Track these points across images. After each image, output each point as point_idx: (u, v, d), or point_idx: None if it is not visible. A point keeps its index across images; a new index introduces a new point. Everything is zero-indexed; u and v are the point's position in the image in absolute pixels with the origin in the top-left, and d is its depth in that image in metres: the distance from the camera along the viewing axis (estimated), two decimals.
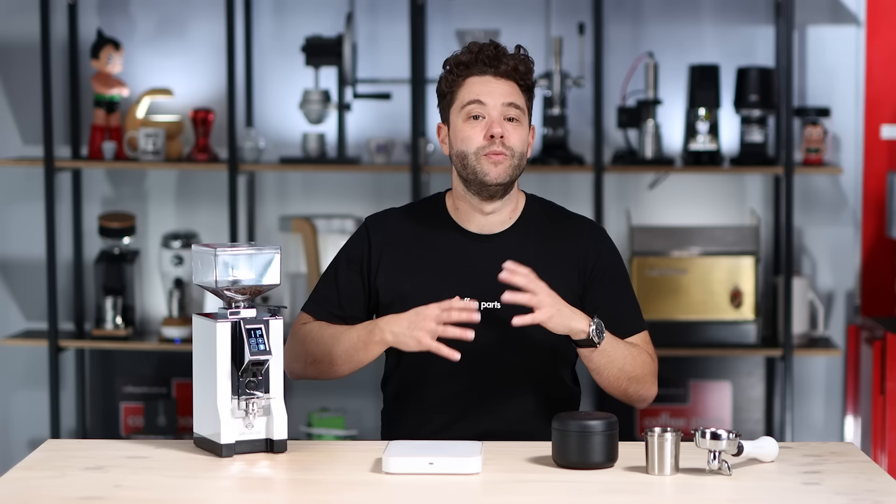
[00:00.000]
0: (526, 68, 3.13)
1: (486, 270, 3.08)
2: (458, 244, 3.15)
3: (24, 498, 2.61)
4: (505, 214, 3.15)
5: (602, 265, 3.16)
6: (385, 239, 3.17)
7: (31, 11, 5.20)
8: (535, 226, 3.17)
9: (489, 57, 3.10)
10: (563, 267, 3.13)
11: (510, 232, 3.16)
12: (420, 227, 3.18)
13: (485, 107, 3.08)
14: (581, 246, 3.16)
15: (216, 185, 5.36)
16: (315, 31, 5.21)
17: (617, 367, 3.06)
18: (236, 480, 2.76)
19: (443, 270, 3.11)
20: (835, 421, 5.34)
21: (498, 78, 3.10)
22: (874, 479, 2.74)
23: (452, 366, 3.02)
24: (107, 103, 5.22)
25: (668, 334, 5.03)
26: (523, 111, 3.11)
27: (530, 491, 2.68)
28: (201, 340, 2.91)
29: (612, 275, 3.17)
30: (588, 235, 3.18)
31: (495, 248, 3.13)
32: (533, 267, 3.05)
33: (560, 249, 3.15)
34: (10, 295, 5.50)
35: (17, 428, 5.52)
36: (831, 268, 5.34)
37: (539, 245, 3.14)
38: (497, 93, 3.09)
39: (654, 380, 3.16)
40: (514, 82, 3.11)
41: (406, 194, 5.15)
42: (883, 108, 5.25)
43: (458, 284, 3.09)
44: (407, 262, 3.14)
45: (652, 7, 5.29)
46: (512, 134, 3.08)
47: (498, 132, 3.07)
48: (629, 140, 5.19)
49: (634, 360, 3.09)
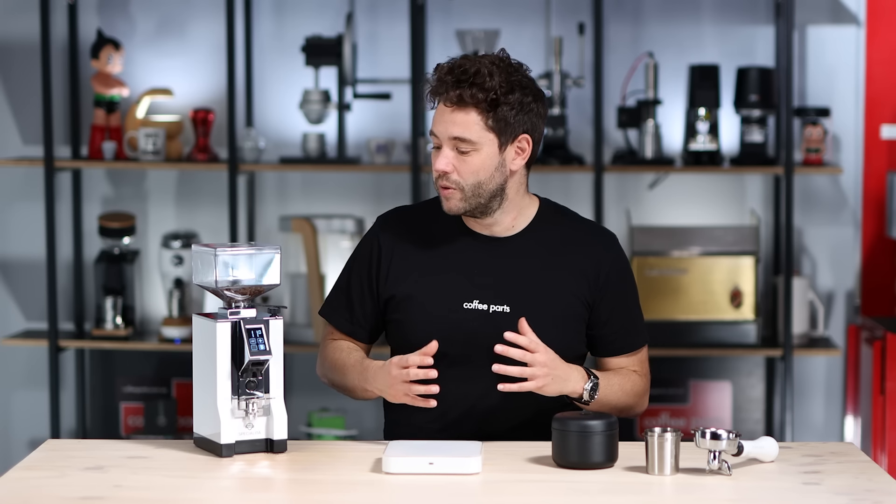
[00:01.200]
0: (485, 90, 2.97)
1: (495, 273, 3.09)
2: (467, 246, 3.13)
3: (24, 498, 2.61)
4: (507, 223, 3.13)
5: (613, 276, 3.14)
6: (396, 238, 3.16)
7: (31, 11, 5.20)
8: (546, 232, 3.15)
9: (449, 83, 3.00)
10: (573, 274, 3.12)
11: (520, 236, 3.14)
12: (431, 226, 3.16)
13: (438, 138, 3.04)
14: (593, 255, 3.13)
15: (216, 185, 5.36)
16: (315, 31, 5.21)
17: (609, 407, 3.09)
18: (236, 480, 2.76)
19: (452, 272, 3.11)
20: (835, 421, 5.34)
21: (452, 107, 3.01)
22: (874, 479, 2.74)
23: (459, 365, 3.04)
24: (107, 103, 5.22)
25: (668, 334, 5.03)
26: (474, 142, 3.00)
27: (530, 491, 2.68)
28: (201, 340, 2.91)
29: (621, 287, 3.16)
30: (600, 244, 3.16)
31: (504, 252, 3.12)
32: (543, 273, 3.06)
33: (571, 256, 3.13)
34: (10, 295, 5.50)
35: (17, 428, 5.52)
36: (831, 268, 5.34)
37: (549, 251, 3.13)
38: (446, 124, 3.01)
39: (646, 397, 3.19)
40: (472, 108, 3.00)
41: (406, 194, 5.15)
42: (883, 108, 5.25)
43: (466, 286, 3.09)
44: (417, 262, 3.13)
45: (652, 7, 5.29)
46: (462, 167, 3.02)
47: (440, 169, 3.03)
48: (629, 140, 5.19)
49: (626, 395, 3.12)
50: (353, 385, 3.11)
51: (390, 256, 3.15)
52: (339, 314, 3.19)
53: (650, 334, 3.24)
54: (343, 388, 3.15)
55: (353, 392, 3.13)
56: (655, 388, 5.24)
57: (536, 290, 3.07)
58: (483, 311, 3.07)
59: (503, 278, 3.08)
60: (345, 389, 3.15)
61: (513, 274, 3.09)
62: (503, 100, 2.99)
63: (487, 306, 3.07)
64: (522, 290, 3.07)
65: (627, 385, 3.12)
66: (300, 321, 5.21)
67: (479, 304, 3.08)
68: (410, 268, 3.13)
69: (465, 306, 3.08)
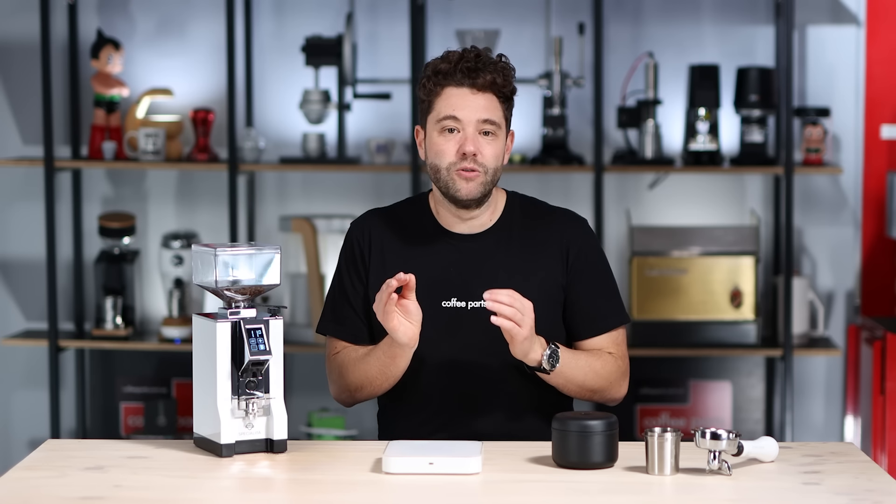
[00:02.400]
0: (504, 79, 3.07)
1: (471, 270, 3.11)
2: (442, 245, 3.15)
3: (24, 498, 2.61)
4: (485, 218, 3.16)
5: (582, 257, 3.16)
6: (373, 239, 3.18)
7: (31, 11, 5.20)
8: (517, 222, 3.17)
9: (468, 68, 3.04)
10: (548, 260, 3.15)
11: (493, 231, 3.16)
12: (404, 227, 3.18)
13: (460, 122, 3.06)
14: (563, 238, 3.16)
15: (216, 185, 5.36)
16: (315, 31, 5.21)
17: (577, 385, 3.08)
18: (236, 480, 2.76)
19: (428, 271, 3.11)
20: (835, 421, 5.34)
21: (475, 91, 3.05)
22: (874, 479, 2.74)
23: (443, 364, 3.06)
24: (107, 103, 5.22)
25: (668, 334, 5.03)
26: (499, 125, 3.07)
27: (530, 491, 2.68)
28: (201, 340, 2.91)
29: (592, 267, 3.17)
30: (569, 227, 3.18)
31: (479, 248, 3.14)
32: (517, 263, 3.09)
33: (543, 244, 3.16)
34: (10, 295, 5.50)
35: (17, 428, 5.52)
36: (831, 268, 5.34)
37: (522, 241, 3.15)
38: (473, 108, 3.05)
39: (623, 381, 3.17)
40: (492, 94, 3.06)
41: (406, 194, 5.14)
42: (883, 108, 5.25)
43: (443, 285, 3.10)
44: (393, 263, 3.13)
45: (652, 7, 5.29)
46: (486, 149, 3.06)
47: (471, 150, 3.04)
48: (629, 140, 5.19)
49: (597, 374, 3.10)
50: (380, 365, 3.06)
51: (369, 256, 3.16)
52: (339, 326, 3.18)
53: (650, 334, 3.25)
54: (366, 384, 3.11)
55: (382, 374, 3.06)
56: (655, 388, 5.26)
57: (513, 283, 3.05)
58: (461, 309, 3.09)
59: (479, 274, 3.09)
60: (368, 385, 3.11)
61: (488, 269, 3.11)
62: (510, 92, 3.09)
63: (465, 303, 3.09)
64: (499, 284, 3.04)
65: (597, 364, 3.10)
66: (300, 321, 5.21)
67: (456, 302, 3.10)
68: (387, 267, 3.13)
69: (444, 304, 3.10)
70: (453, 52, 3.09)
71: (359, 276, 3.17)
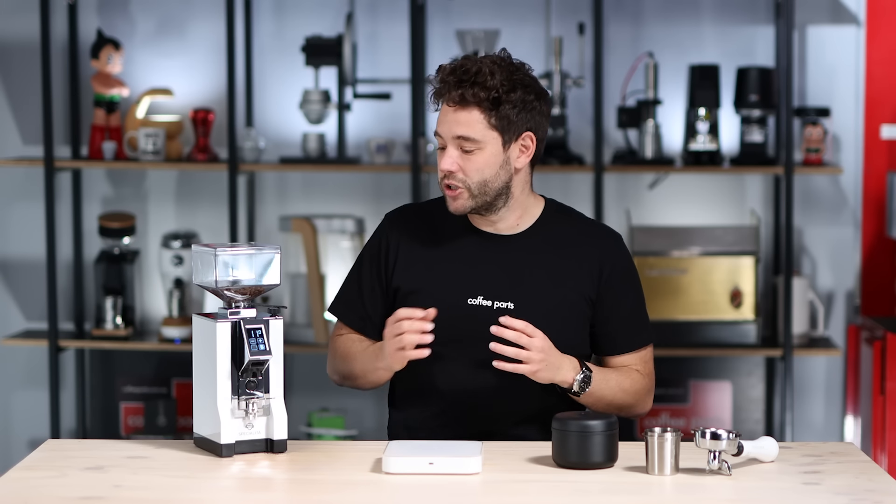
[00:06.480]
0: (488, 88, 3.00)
1: (500, 270, 3.11)
2: (472, 243, 3.15)
3: (24, 498, 2.62)
4: (511, 221, 3.15)
5: (616, 274, 3.15)
6: (403, 234, 3.18)
7: (31, 11, 5.20)
8: (551, 230, 3.16)
9: (449, 83, 3.03)
10: (578, 272, 3.13)
11: (525, 235, 3.16)
12: (437, 223, 3.19)
13: (443, 139, 3.07)
14: (597, 253, 3.15)
15: (216, 185, 5.36)
16: (315, 31, 5.21)
17: (605, 403, 3.11)
18: (236, 480, 2.76)
19: (457, 268, 3.12)
20: (835, 421, 5.34)
21: (455, 108, 3.03)
22: (874, 479, 2.74)
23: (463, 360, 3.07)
24: (107, 103, 5.22)
25: (668, 334, 5.03)
26: (479, 140, 3.03)
27: (530, 491, 2.68)
28: (201, 340, 2.91)
29: (625, 285, 3.17)
30: (605, 243, 3.18)
31: (509, 249, 3.14)
32: (547, 270, 3.09)
33: (576, 255, 3.14)
34: (10, 295, 5.50)
35: (17, 428, 5.52)
36: (831, 268, 5.34)
37: (554, 249, 3.14)
38: (449, 124, 3.04)
39: (648, 398, 3.20)
40: (474, 107, 3.02)
41: (406, 194, 5.15)
42: (883, 108, 5.25)
43: (470, 282, 3.11)
44: (422, 256, 3.15)
45: (652, 7, 5.29)
46: (466, 165, 3.05)
47: (445, 168, 3.05)
48: (629, 140, 5.19)
49: (625, 393, 3.13)
50: (363, 369, 3.12)
51: (397, 250, 3.17)
52: (349, 311, 3.21)
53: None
54: (352, 377, 3.17)
55: (364, 377, 3.14)
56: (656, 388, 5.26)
57: (541, 288, 3.09)
58: (487, 307, 3.09)
59: (508, 275, 3.10)
60: (353, 378, 3.17)
61: (517, 271, 3.11)
62: (505, 98, 3.02)
63: (492, 302, 3.09)
64: (527, 287, 3.08)
65: (626, 383, 3.12)
66: (300, 321, 5.21)
67: (483, 300, 3.10)
68: (416, 262, 3.15)
69: (470, 301, 3.10)
70: (446, 65, 3.07)
71: (377, 270, 3.18)
